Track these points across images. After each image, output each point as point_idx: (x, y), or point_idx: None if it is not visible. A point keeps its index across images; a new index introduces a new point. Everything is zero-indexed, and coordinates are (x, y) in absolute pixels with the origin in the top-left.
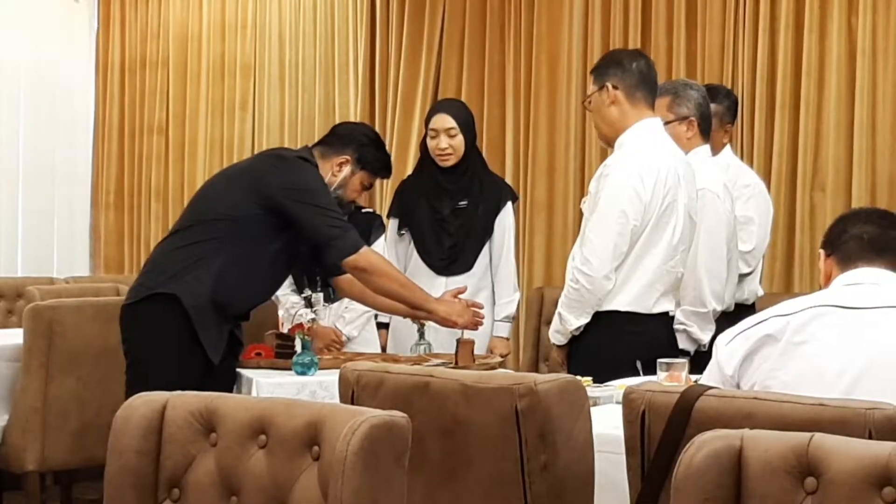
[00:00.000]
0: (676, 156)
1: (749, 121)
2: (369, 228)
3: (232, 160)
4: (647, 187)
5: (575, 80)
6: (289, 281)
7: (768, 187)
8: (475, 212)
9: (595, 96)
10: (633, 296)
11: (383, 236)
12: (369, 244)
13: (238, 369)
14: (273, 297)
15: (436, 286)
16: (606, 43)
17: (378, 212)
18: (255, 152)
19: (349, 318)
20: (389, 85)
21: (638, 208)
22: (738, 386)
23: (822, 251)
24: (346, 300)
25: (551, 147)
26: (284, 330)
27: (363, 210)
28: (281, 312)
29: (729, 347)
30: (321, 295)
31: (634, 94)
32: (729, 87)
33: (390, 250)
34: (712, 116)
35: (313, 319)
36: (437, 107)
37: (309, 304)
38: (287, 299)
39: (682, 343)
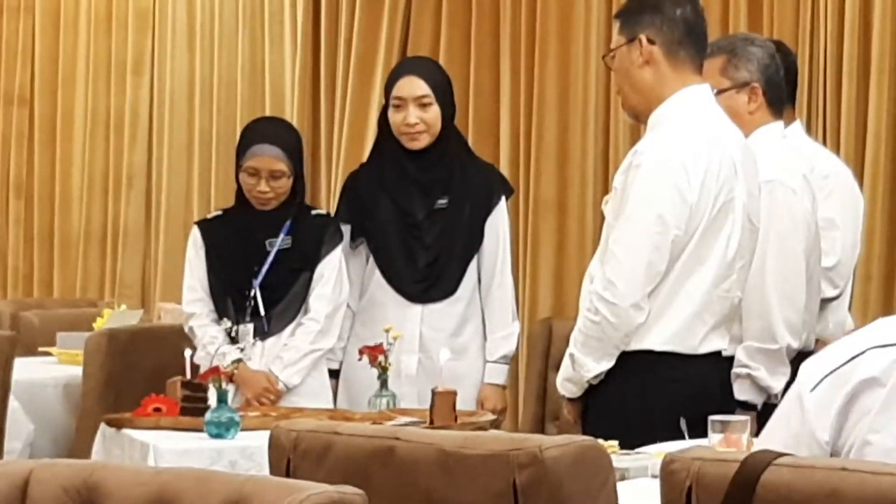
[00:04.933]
0: (734, 137)
1: (834, 91)
2: (321, 237)
3: (122, 139)
4: (694, 183)
5: (595, 31)
6: (208, 308)
7: (860, 182)
8: (460, 213)
9: (622, 51)
10: (672, 331)
11: (338, 249)
12: (320, 258)
13: (128, 431)
14: (186, 329)
15: (409, 319)
16: None
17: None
18: (154, 128)
19: (289, 360)
20: (340, 39)
21: (681, 212)
22: (836, 454)
23: None
24: (284, 335)
25: (563, 126)
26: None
27: (313, 212)
28: (195, 352)
29: (817, 396)
30: (250, 327)
31: (677, 53)
32: (807, 45)
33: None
34: (782, 83)
35: (238, 361)
36: (403, 67)
37: (233, 339)
38: (204, 332)
39: (744, 393)
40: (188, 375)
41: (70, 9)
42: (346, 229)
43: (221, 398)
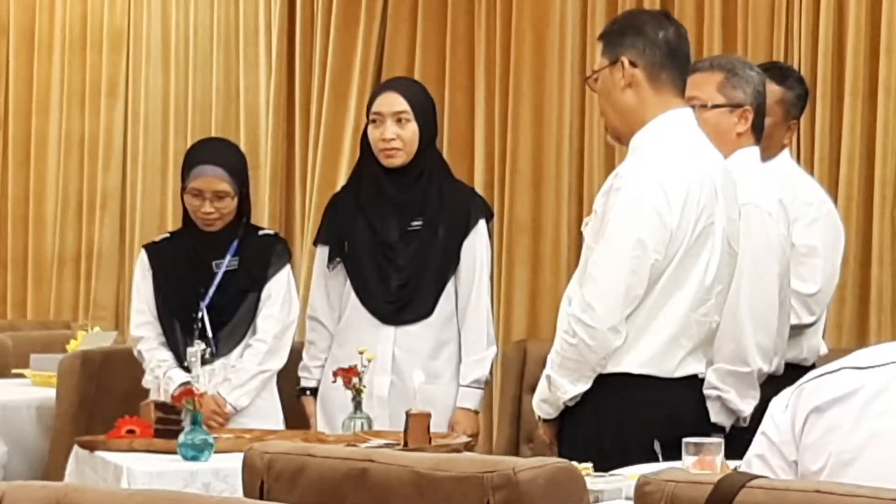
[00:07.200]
0: (714, 162)
1: (809, 114)
2: (268, 257)
3: (96, 161)
4: (675, 207)
5: (570, 55)
6: (157, 332)
7: (834, 204)
8: (434, 235)
9: (605, 74)
10: (649, 354)
11: (286, 269)
12: (267, 279)
13: (101, 453)
14: (135, 353)
15: (382, 340)
16: (613, 4)
17: (298, 234)
18: (129, 150)
19: (237, 381)
20: (315, 61)
21: (661, 236)
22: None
23: None
24: (233, 357)
25: (538, 148)
26: (163, 397)
27: (260, 232)
28: (147, 376)
29: (788, 414)
30: (198, 349)
31: (659, 76)
32: None
33: (319, 290)
34: (777, 106)
35: (185, 384)
36: (385, 85)
37: (186, 368)
38: (152, 356)
39: (715, 415)
40: (161, 398)
41: (44, 31)
42: (324, 250)
43: (196, 420)
